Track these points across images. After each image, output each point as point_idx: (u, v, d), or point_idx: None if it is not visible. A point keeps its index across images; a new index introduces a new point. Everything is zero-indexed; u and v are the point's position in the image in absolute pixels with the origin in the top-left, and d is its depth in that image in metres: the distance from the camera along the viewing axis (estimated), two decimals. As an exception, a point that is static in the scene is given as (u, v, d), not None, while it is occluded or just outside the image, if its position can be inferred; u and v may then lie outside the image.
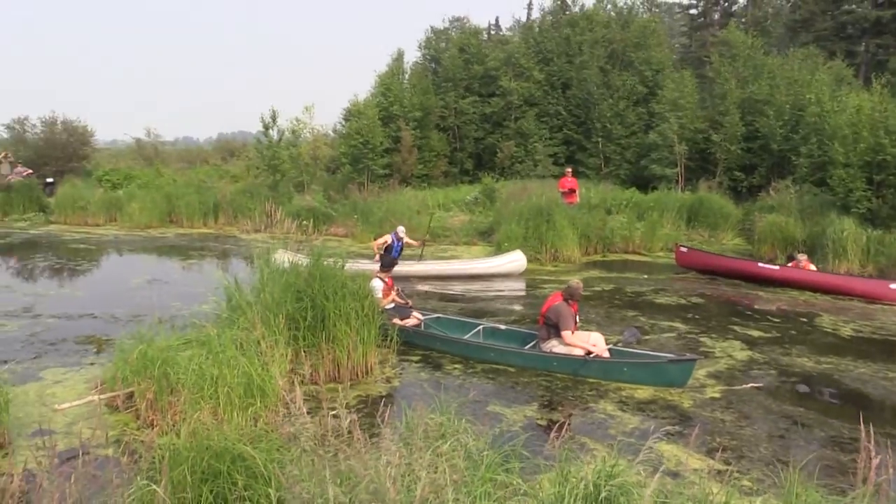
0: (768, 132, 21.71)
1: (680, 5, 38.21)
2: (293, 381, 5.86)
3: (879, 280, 13.03)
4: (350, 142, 24.99)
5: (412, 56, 53.95)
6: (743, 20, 33.33)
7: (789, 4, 33.62)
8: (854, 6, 29.69)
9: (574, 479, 3.92)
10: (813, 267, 13.65)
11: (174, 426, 5.61)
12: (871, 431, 3.59)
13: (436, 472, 3.24)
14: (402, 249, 14.21)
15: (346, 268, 8.45)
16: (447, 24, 34.68)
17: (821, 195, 17.35)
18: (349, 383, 7.66)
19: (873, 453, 3.44)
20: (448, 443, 3.86)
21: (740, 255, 16.34)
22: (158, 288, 13.13)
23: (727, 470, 5.68)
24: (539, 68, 28.65)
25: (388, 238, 14.24)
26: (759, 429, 6.59)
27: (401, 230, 14.32)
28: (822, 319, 11.00)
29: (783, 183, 19.45)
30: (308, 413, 4.39)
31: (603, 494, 3.75)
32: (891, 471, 3.52)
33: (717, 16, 35.71)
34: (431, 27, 33.70)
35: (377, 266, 10.55)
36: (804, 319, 11.03)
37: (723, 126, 22.78)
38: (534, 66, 28.52)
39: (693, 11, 37.28)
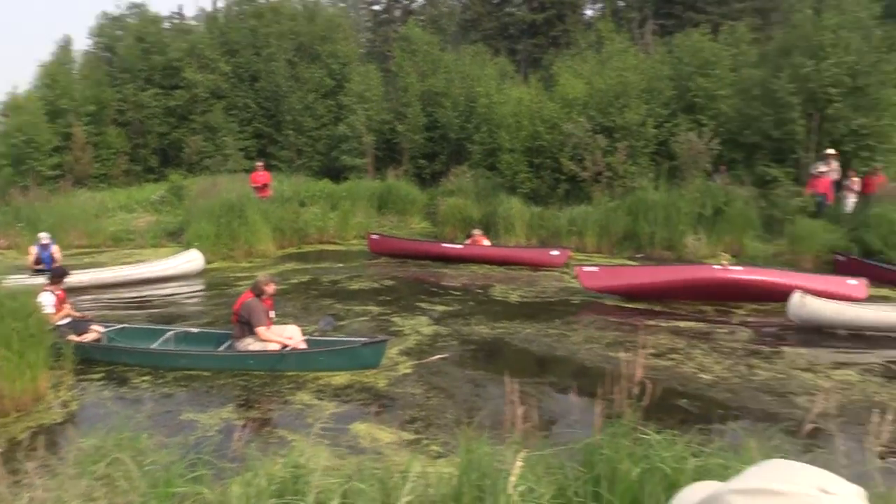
0: (446, 122, 23.36)
1: (364, 1, 39.45)
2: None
3: (542, 249, 14.86)
4: (10, 140, 21.93)
5: (82, 44, 48.82)
6: (421, 18, 35.39)
7: (460, 5, 36.45)
8: (514, 9, 33.17)
9: (264, 476, 3.87)
10: (487, 242, 15.09)
11: None
12: (517, 383, 4.04)
13: (91, 500, 2.97)
14: (52, 258, 12.66)
15: (3, 283, 7.43)
16: (123, 11, 31.84)
17: (492, 178, 19.15)
18: (16, 415, 6.75)
19: (518, 403, 3.88)
20: (104, 463, 3.56)
21: (427, 238, 17.47)
22: None
23: (418, 439, 6.06)
24: (225, 60, 27.62)
25: (33, 250, 12.80)
26: (446, 396, 7.11)
27: (42, 236, 12.91)
28: (496, 289, 12.24)
29: (461, 168, 21.08)
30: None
31: (291, 486, 3.75)
32: (536, 416, 4.01)
33: (398, 13, 37.53)
34: (104, 13, 30.69)
35: (40, 280, 9.42)
36: (481, 291, 12.17)
37: (406, 117, 24.00)
38: (220, 58, 27.43)
39: (376, 7, 38.76)
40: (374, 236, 15.80)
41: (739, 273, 11.12)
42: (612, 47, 20.94)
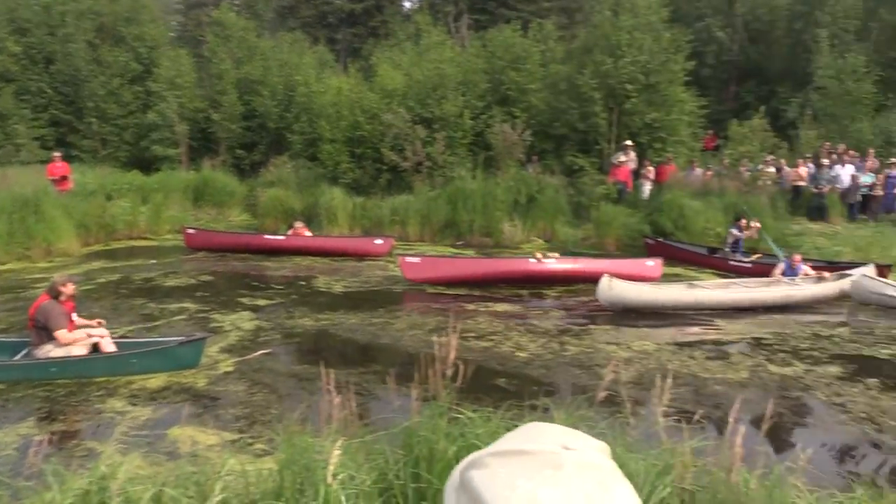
0: (265, 111, 22.76)
1: (174, -18, 37.42)
2: None
3: (365, 238, 14.95)
4: None
5: None
6: (236, 3, 34.08)
7: (277, -9, 35.55)
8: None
9: (66, 491, 3.62)
10: (309, 233, 14.94)
11: None
12: (342, 373, 4.07)
13: None
14: None
15: None
16: None
17: (314, 169, 18.96)
18: None
19: (335, 393, 3.92)
20: None
21: (247, 230, 16.97)
22: None
23: (241, 438, 5.91)
24: (14, 39, 25.00)
25: None
26: (270, 392, 6.99)
27: None
28: (320, 281, 12.17)
29: (281, 159, 20.66)
30: None
31: (95, 498, 3.54)
32: (355, 404, 4.06)
33: (210, -5, 35.90)
34: None
35: None
36: (304, 283, 12.05)
37: (222, 105, 23.09)
38: (7, 37, 24.79)
39: (186, -11, 36.87)
40: (191, 230, 15.09)
41: (552, 265, 11.98)
42: (430, 40, 21.41)
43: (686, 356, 8.42)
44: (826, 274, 11.76)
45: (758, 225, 13.80)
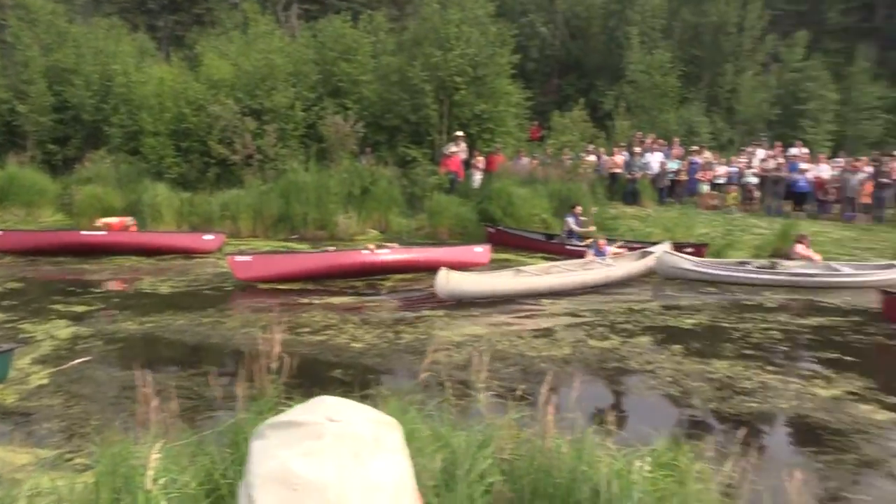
0: (79, 102, 21.12)
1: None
2: None
3: (194, 234, 14.33)
4: None
5: None
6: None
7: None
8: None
9: None
10: (135, 228, 14.13)
11: None
12: (154, 377, 3.95)
13: None
14: None
15: None
16: None
17: (136, 163, 17.86)
18: None
19: (152, 396, 3.79)
20: None
21: (62, 228, 15.72)
22: None
23: (59, 454, 5.54)
24: None
25: None
26: (90, 402, 6.59)
27: None
28: (145, 282, 11.55)
29: (98, 153, 19.27)
30: None
31: None
32: (174, 406, 3.94)
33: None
34: None
35: None
36: (128, 285, 11.44)
37: (29, 96, 21.19)
38: None
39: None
40: (-1, 231, 13.75)
41: (385, 255, 12.16)
42: (258, 29, 20.81)
43: (515, 337, 8.86)
44: (626, 252, 12.93)
45: (593, 228, 14.71)
